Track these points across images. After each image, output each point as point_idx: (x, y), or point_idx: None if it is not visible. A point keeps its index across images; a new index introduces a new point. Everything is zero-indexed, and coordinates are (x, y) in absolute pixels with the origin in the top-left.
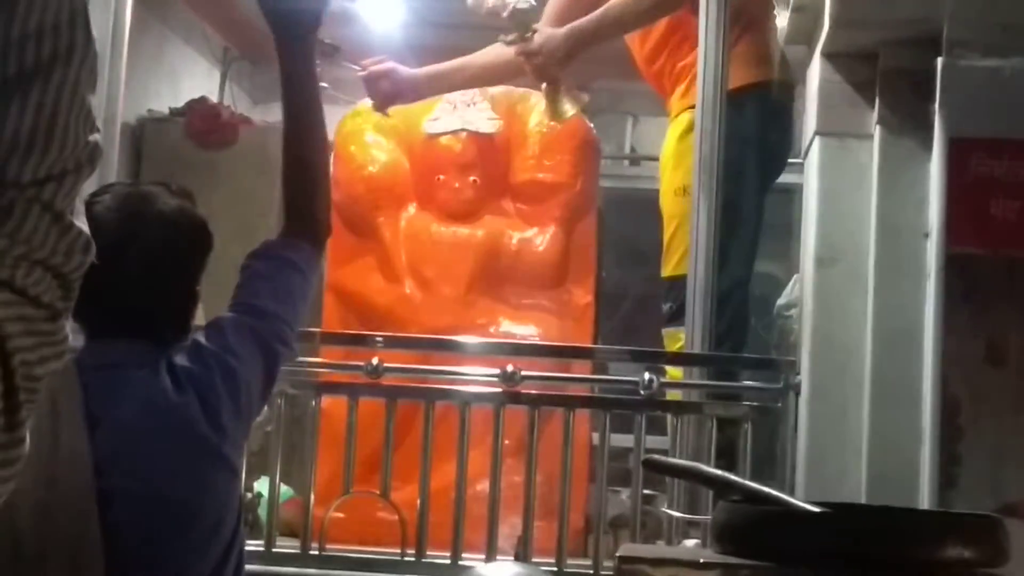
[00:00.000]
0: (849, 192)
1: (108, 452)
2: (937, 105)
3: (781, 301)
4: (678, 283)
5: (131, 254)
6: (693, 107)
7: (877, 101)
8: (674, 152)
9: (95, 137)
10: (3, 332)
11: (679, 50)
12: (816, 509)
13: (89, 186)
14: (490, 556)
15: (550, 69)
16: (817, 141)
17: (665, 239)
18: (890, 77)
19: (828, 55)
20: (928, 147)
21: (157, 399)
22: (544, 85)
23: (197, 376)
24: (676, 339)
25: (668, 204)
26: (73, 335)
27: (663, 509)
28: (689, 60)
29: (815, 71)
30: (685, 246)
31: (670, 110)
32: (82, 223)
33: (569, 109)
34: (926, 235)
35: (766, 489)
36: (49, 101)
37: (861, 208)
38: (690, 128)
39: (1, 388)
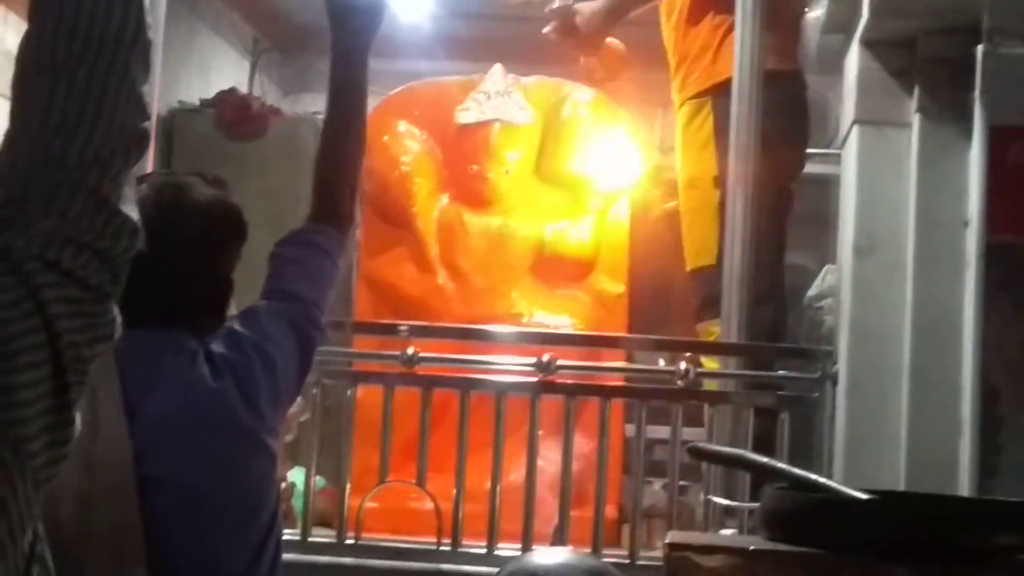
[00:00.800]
0: (888, 181)
1: (147, 440)
2: (977, 93)
3: (812, 292)
4: (698, 277)
5: (167, 243)
6: (691, 99)
7: (916, 89)
8: (680, 146)
9: (145, 123)
10: (50, 313)
11: (676, 35)
12: (864, 496)
13: None
14: (526, 545)
15: (592, 39)
16: (855, 129)
17: (683, 234)
18: (929, 65)
19: (867, 43)
20: (968, 135)
21: (195, 386)
22: (586, 57)
23: (234, 363)
24: (710, 334)
25: (681, 199)
26: None
27: (705, 496)
28: (683, 49)
29: (853, 59)
30: (701, 239)
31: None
32: (131, 209)
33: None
34: (965, 224)
35: (813, 476)
36: (97, 83)
37: (900, 197)
38: (689, 120)
39: (49, 369)
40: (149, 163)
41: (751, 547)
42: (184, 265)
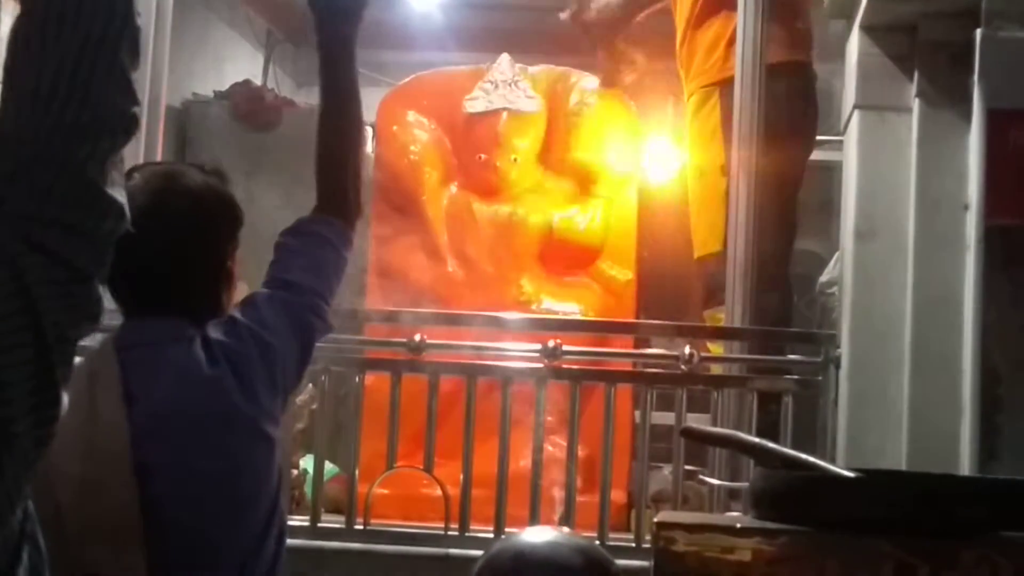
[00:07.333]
0: (888, 165)
1: (145, 427)
2: (976, 77)
3: (823, 278)
4: (705, 264)
5: (156, 227)
6: (701, 88)
7: (916, 74)
8: (689, 135)
9: (134, 109)
10: (33, 295)
11: (690, 25)
12: (852, 475)
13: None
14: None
15: (608, 36)
16: (856, 115)
17: (692, 221)
18: (929, 49)
19: (867, 28)
20: (967, 119)
21: (191, 373)
22: (601, 53)
23: (232, 349)
24: (716, 321)
25: (690, 186)
26: (110, 315)
27: (703, 477)
28: (695, 40)
29: (854, 44)
30: (709, 227)
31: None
32: (118, 192)
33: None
34: (965, 207)
35: (804, 456)
36: (85, 65)
37: (900, 181)
38: (697, 109)
39: (33, 351)
40: (158, 153)
41: (738, 525)
42: (175, 249)
